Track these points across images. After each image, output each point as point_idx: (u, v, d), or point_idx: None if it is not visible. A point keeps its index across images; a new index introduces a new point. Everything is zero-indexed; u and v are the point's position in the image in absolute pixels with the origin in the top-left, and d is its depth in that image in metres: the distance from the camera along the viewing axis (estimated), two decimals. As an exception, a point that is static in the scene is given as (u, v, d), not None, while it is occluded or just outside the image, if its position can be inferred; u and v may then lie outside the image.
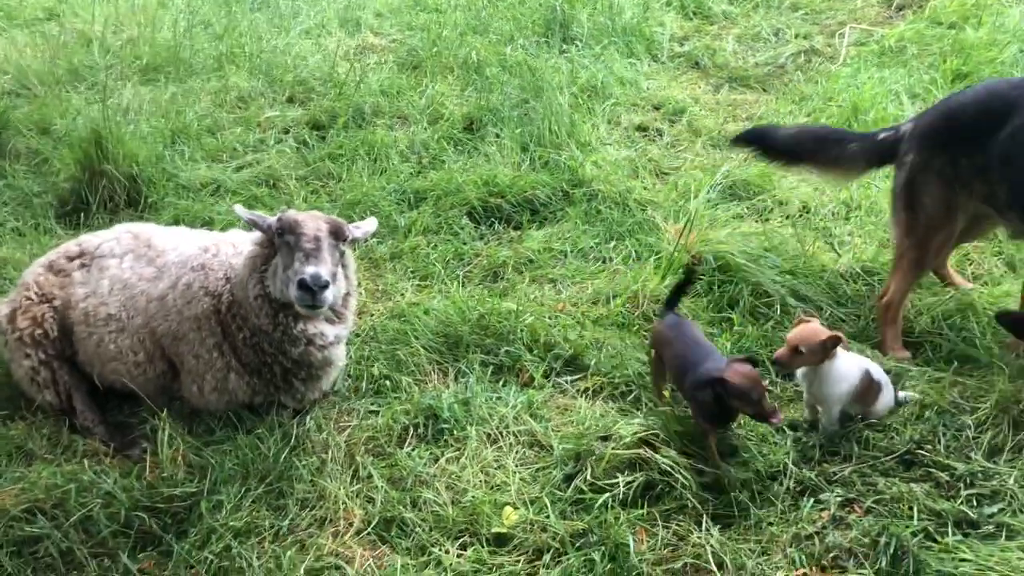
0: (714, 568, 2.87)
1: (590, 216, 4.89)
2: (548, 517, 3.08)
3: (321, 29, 7.47)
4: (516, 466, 3.34)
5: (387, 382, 3.80)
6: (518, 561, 2.97)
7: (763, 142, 4.28)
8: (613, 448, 3.22)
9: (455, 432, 3.51)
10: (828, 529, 2.96)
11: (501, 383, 3.77)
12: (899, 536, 2.84)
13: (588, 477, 3.18)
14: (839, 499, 3.06)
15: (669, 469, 3.13)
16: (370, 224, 3.69)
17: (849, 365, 3.34)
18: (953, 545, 2.82)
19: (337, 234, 3.41)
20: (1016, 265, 4.34)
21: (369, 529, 3.13)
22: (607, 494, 3.10)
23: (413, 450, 3.44)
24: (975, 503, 2.98)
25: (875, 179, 4.83)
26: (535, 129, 5.58)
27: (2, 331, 3.79)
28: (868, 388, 3.33)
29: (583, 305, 4.22)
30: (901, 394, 3.45)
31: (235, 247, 3.72)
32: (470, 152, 5.60)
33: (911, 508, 2.96)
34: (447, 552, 3.01)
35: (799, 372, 3.42)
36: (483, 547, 3.02)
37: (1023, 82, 3.72)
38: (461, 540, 3.07)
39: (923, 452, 3.18)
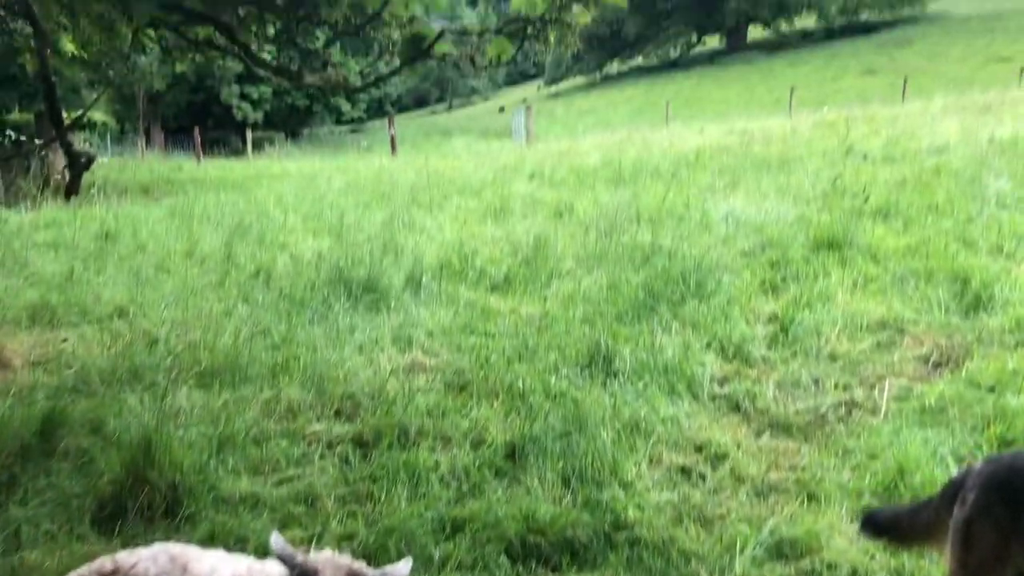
0: None
1: (632, 564, 4.74)
2: None
3: (374, 345, 7.79)
4: None
5: None
6: None
7: (872, 524, 4.37)
8: None
9: None
10: None
11: None
12: None
13: None
14: None
15: None
16: (403, 569, 3.54)
17: None
18: None
19: None
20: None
21: None
22: None
23: None
24: None
25: (929, 553, 4.68)
26: (577, 463, 5.60)
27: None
28: None
29: (624, 668, 3.97)
30: None
31: (269, 578, 3.60)
32: (511, 482, 5.58)
33: None
34: None
35: None
36: None
37: None
38: None
39: None
